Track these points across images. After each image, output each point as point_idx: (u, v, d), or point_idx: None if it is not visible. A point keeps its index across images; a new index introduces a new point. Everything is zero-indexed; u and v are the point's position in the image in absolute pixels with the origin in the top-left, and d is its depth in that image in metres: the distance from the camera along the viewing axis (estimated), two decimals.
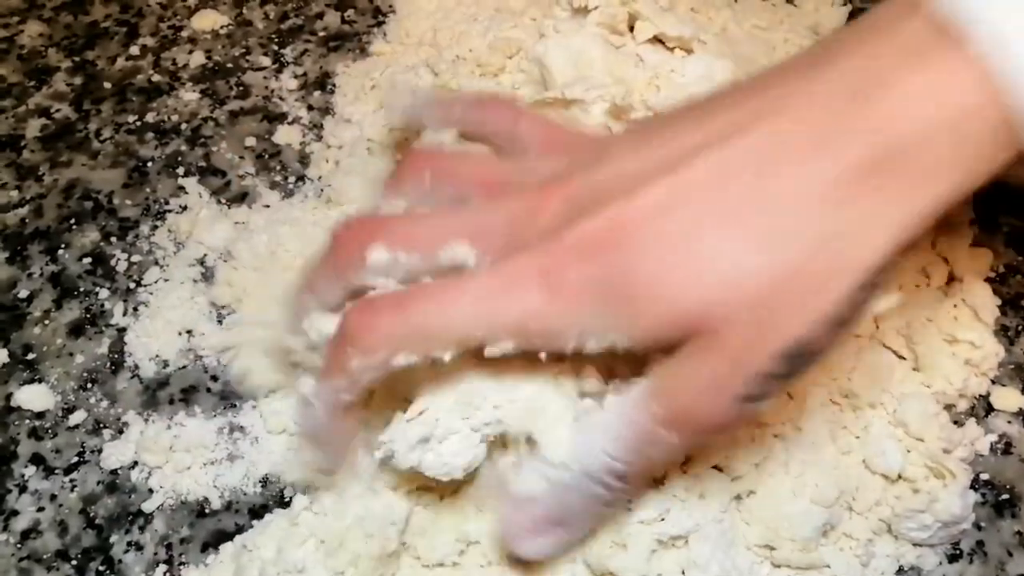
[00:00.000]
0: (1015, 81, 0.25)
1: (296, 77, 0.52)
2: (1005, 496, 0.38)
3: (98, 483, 0.38)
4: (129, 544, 0.37)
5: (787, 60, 0.30)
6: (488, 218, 0.32)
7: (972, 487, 0.37)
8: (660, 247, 0.28)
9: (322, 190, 0.47)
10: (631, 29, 0.43)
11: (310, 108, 0.51)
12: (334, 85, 0.52)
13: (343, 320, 0.31)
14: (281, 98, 0.51)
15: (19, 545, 0.37)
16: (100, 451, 0.39)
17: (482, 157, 0.36)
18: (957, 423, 0.39)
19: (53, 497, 0.38)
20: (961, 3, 0.25)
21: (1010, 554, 0.36)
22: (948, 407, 0.39)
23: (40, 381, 0.41)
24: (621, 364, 0.32)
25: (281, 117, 0.50)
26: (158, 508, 0.38)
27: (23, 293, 0.44)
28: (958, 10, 0.25)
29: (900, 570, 0.36)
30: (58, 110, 0.51)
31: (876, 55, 0.27)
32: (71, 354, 0.42)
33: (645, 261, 0.28)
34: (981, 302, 0.40)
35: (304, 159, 0.49)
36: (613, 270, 0.28)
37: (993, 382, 0.41)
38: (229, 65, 0.53)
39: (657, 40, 0.42)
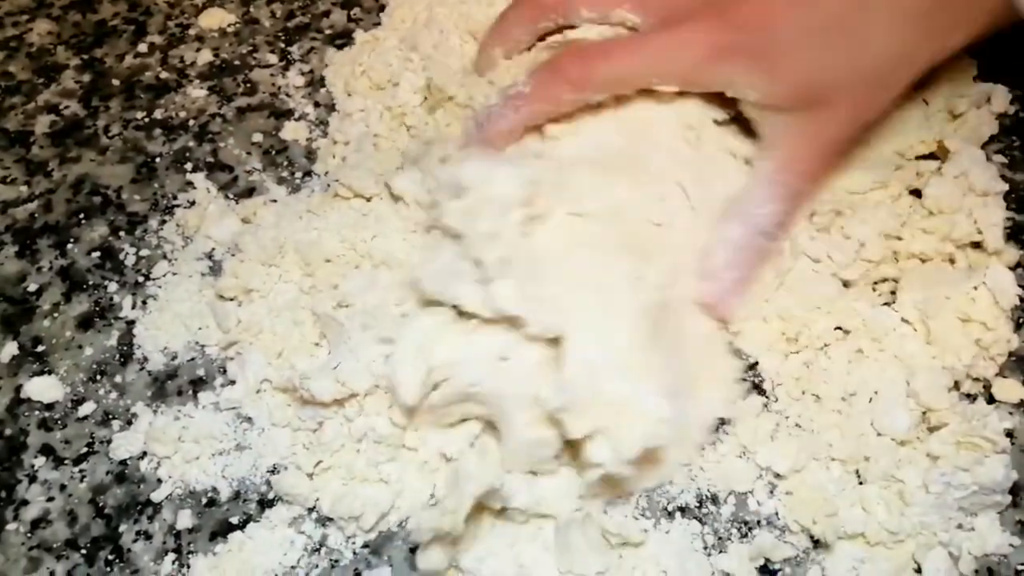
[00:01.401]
0: None
1: (303, 74, 0.53)
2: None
3: (107, 473, 0.39)
4: (138, 533, 0.37)
5: None
6: None
7: None
8: (800, 31, 0.38)
9: (328, 185, 0.47)
10: None
11: (316, 104, 0.51)
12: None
13: (559, 60, 0.40)
14: (288, 95, 0.52)
15: (29, 534, 0.37)
16: (109, 442, 0.40)
17: None
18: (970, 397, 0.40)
19: (63, 487, 0.39)
20: None
21: (1011, 545, 0.36)
22: (955, 384, 0.40)
23: (50, 373, 0.42)
24: None
25: (288, 113, 0.51)
26: (167, 498, 0.38)
27: (32, 287, 0.45)
28: None
29: None
30: (67, 107, 0.52)
31: None
32: (80, 346, 0.42)
33: (790, 40, 0.38)
34: (1002, 288, 0.41)
35: (311, 154, 0.49)
36: (764, 43, 0.38)
37: (997, 374, 0.41)
38: (236, 63, 0.54)
39: None
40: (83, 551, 0.37)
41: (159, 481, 0.39)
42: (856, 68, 0.39)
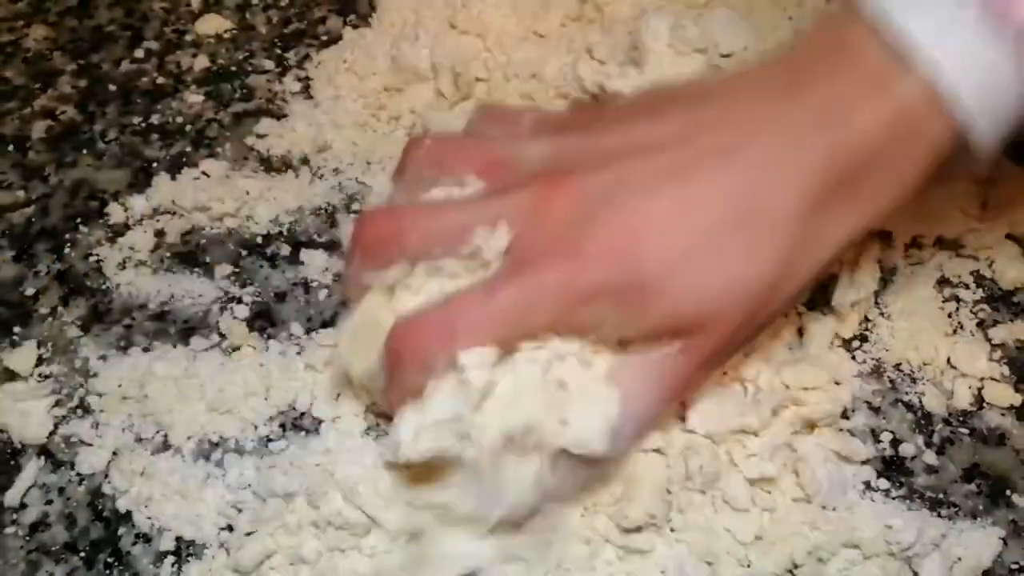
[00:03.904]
0: (953, 94, 0.30)
1: (299, 80, 0.53)
2: (999, 486, 0.39)
3: (106, 476, 0.39)
4: (137, 536, 0.37)
5: (760, 75, 0.34)
6: (496, 212, 0.34)
7: (966, 479, 0.38)
8: (667, 259, 0.32)
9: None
10: None
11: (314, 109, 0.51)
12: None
13: (390, 345, 0.34)
14: (284, 100, 0.52)
15: (28, 538, 0.37)
16: None
17: (477, 141, 0.39)
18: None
19: (61, 490, 0.38)
20: (907, 30, 0.30)
21: (1005, 543, 0.37)
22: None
23: (48, 377, 0.42)
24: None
25: (285, 119, 0.51)
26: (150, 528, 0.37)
27: (29, 291, 0.45)
28: (905, 34, 0.30)
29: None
30: (63, 112, 0.52)
31: (841, 84, 0.32)
32: (78, 351, 0.42)
33: (656, 270, 0.32)
34: None
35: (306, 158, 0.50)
36: (627, 277, 0.32)
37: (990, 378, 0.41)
38: (233, 68, 0.54)
39: None
40: (82, 554, 0.37)
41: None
42: (733, 290, 0.33)
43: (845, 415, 0.39)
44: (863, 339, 0.42)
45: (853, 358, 0.41)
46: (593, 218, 0.33)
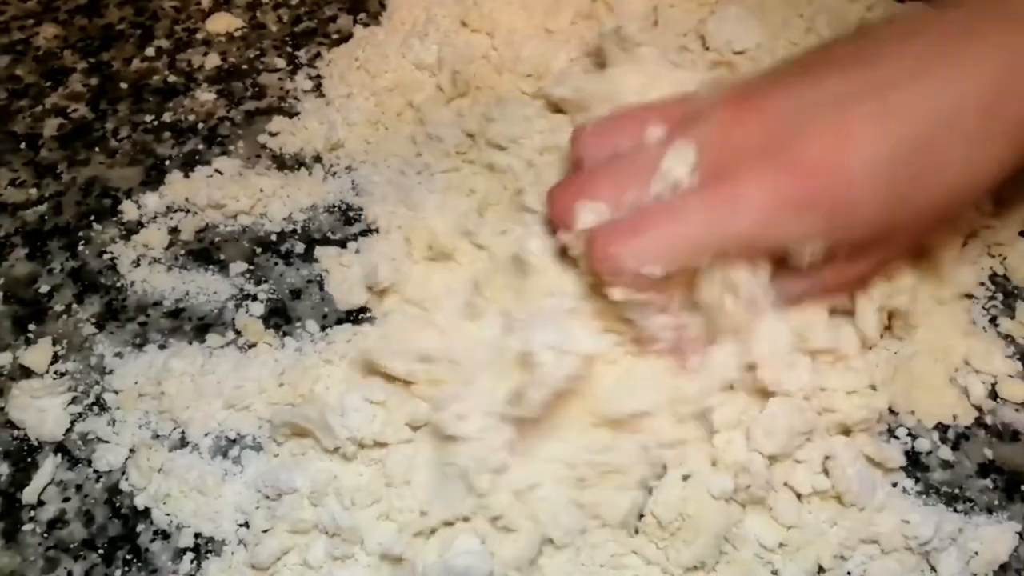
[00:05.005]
0: None
1: (310, 78, 0.53)
2: (1014, 481, 0.39)
3: (123, 473, 0.39)
4: (156, 533, 0.37)
5: (935, 19, 0.36)
6: (683, 136, 0.35)
7: (982, 474, 0.39)
8: (875, 168, 0.33)
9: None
10: None
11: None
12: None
13: (587, 247, 0.35)
14: (296, 98, 0.52)
15: (46, 535, 0.37)
16: None
17: (647, 104, 0.39)
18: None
19: (79, 487, 0.39)
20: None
21: (1021, 537, 0.37)
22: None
23: (64, 375, 0.42)
24: None
25: (297, 117, 0.51)
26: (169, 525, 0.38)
27: (44, 288, 0.45)
28: None
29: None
30: (75, 110, 0.52)
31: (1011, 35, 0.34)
32: (92, 347, 0.42)
33: (865, 177, 0.33)
34: None
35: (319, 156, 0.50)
36: (841, 187, 0.33)
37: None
38: (244, 66, 0.54)
39: None
40: (100, 551, 0.37)
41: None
42: (934, 195, 0.35)
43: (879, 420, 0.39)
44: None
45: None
46: (796, 131, 0.33)
